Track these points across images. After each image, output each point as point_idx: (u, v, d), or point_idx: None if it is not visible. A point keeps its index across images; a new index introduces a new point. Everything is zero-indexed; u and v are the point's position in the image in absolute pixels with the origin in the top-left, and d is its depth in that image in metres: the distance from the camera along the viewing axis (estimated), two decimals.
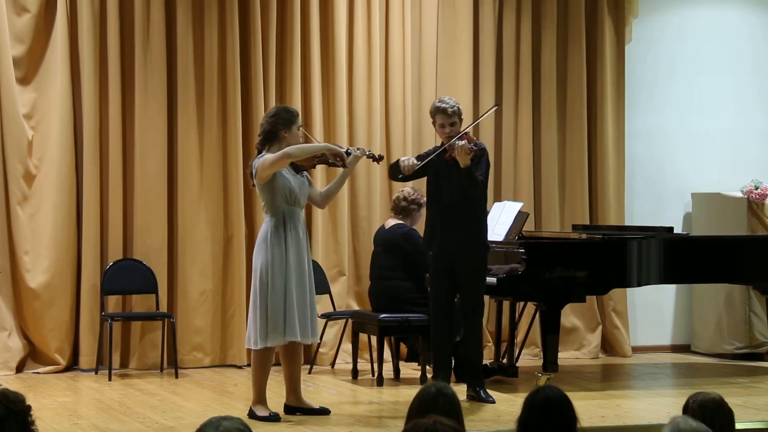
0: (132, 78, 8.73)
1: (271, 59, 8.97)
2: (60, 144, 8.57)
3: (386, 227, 8.22)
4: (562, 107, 9.79)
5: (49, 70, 8.61)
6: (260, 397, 6.65)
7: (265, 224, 6.67)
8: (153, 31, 8.72)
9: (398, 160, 7.24)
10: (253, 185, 6.74)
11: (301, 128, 6.84)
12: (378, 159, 7.05)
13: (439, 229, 7.21)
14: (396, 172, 7.23)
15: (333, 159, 6.76)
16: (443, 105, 7.22)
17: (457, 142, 6.99)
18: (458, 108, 7.24)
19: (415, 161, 7.12)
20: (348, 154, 6.80)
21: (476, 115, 9.55)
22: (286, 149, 6.57)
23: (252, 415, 6.61)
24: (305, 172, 6.82)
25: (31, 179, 8.57)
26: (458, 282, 7.24)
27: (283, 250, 6.55)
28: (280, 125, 6.66)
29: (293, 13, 9.03)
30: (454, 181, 7.09)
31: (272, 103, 8.93)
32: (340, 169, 7.00)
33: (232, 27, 8.86)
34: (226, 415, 3.03)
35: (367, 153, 6.94)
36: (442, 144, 7.22)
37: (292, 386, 6.78)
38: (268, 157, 6.58)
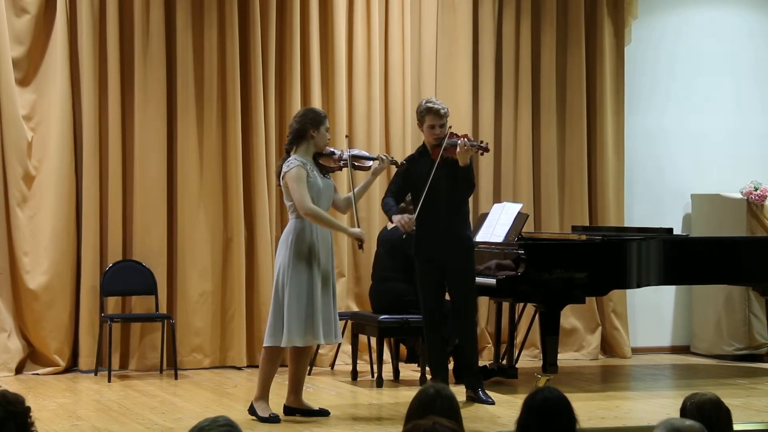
0: (132, 79, 8.73)
1: (270, 61, 8.96)
2: (59, 145, 8.56)
3: (389, 228, 8.22)
4: (561, 108, 9.79)
5: (49, 71, 8.60)
6: (264, 393, 6.65)
7: (290, 225, 6.68)
8: (153, 32, 8.71)
9: (393, 218, 7.17)
10: (278, 185, 6.81)
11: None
12: (399, 164, 7.24)
13: (425, 230, 7.21)
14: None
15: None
16: (435, 106, 7.21)
17: (463, 141, 7.01)
18: (447, 109, 7.29)
19: (410, 216, 7.09)
20: (377, 159, 6.97)
21: (476, 117, 9.57)
22: (315, 211, 6.54)
23: (252, 411, 6.62)
24: (330, 175, 6.85)
25: (30, 180, 8.56)
26: (447, 282, 7.25)
27: (306, 254, 6.57)
28: (309, 124, 6.71)
29: (293, 15, 9.03)
30: (440, 181, 7.08)
31: (272, 105, 8.95)
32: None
33: (232, 29, 8.86)
34: (217, 417, 3.02)
35: (391, 159, 7.10)
36: (423, 147, 7.28)
37: (295, 387, 6.79)
38: (296, 185, 6.54)
